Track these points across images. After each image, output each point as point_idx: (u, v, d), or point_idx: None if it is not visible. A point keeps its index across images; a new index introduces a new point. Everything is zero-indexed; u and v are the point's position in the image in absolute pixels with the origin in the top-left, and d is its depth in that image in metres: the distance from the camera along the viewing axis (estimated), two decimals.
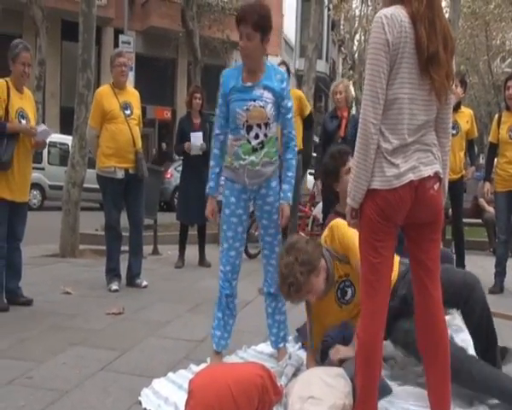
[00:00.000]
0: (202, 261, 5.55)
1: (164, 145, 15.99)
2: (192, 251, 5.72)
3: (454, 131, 4.97)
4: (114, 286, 4.27)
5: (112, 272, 4.36)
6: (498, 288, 4.70)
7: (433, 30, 1.79)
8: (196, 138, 5.38)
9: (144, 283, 4.45)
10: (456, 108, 5.07)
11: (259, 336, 3.12)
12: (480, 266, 5.54)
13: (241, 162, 2.56)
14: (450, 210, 5.28)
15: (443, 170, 1.92)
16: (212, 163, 2.66)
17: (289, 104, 2.66)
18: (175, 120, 19.74)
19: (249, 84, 2.56)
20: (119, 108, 4.31)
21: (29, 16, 13.56)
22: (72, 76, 16.56)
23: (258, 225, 2.75)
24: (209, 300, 4.05)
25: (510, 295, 4.61)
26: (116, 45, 15.87)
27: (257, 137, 2.55)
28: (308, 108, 5.64)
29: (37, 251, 5.96)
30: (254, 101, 2.54)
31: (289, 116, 2.67)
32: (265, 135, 2.57)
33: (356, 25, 27.84)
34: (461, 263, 5.04)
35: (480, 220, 7.76)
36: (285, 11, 23.25)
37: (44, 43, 12.67)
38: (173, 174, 13.19)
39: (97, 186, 4.49)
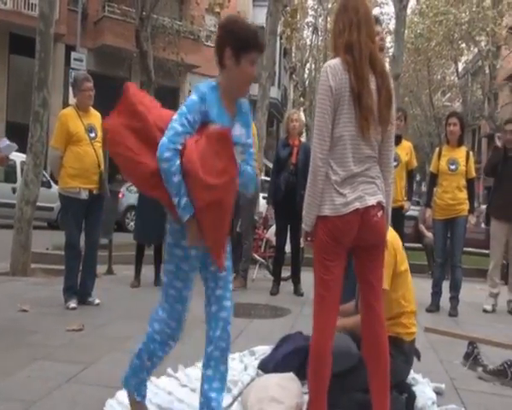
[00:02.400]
0: (158, 281, 5.66)
1: (119, 177, 16.04)
2: (147, 271, 5.84)
3: (395, 163, 5.41)
4: (73, 304, 4.33)
5: (70, 290, 4.41)
6: (435, 307, 5.12)
7: (360, 74, 2.09)
8: None
9: (97, 300, 4.52)
10: (398, 141, 5.54)
11: None
12: (421, 288, 5.94)
13: None
14: None
15: (386, 200, 2.23)
16: (178, 178, 2.00)
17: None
18: None
19: (229, 117, 2.16)
20: (84, 130, 4.42)
21: None
22: (20, 90, 16.27)
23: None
24: None
25: (445, 314, 5.02)
26: (67, 62, 15.70)
27: None
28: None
29: None
30: (235, 144, 2.13)
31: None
32: None
33: (307, 54, 28.93)
34: None
35: (420, 245, 8.32)
36: None
37: None
38: (125, 194, 13.14)
39: (47, 205, 4.56)
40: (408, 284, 2.65)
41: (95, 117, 4.60)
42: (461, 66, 29.50)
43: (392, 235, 2.59)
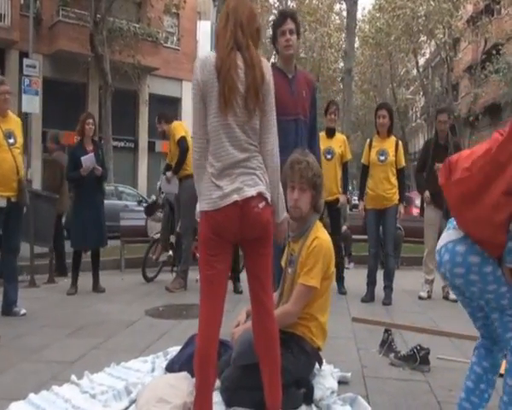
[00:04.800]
0: (96, 287, 5.56)
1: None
2: (88, 277, 5.73)
3: (329, 156, 5.45)
4: None
5: None
6: (369, 297, 5.16)
7: (226, 66, 2.08)
8: (88, 160, 5.39)
9: (23, 311, 4.38)
10: (332, 134, 5.59)
11: (132, 354, 3.25)
12: (363, 279, 6.00)
13: None
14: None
15: (271, 190, 2.20)
16: None
17: None
18: None
19: None
20: (3, 136, 4.29)
21: None
22: None
23: None
24: (92, 323, 4.16)
25: (379, 303, 5.06)
26: (21, 69, 15.37)
27: None
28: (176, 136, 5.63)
29: None
30: None
31: None
32: None
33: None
34: (340, 274, 5.43)
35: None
36: (199, 37, 23.71)
37: None
38: None
39: None
40: (328, 293, 2.61)
41: (14, 122, 4.47)
42: (422, 59, 29.96)
43: (327, 239, 2.59)
